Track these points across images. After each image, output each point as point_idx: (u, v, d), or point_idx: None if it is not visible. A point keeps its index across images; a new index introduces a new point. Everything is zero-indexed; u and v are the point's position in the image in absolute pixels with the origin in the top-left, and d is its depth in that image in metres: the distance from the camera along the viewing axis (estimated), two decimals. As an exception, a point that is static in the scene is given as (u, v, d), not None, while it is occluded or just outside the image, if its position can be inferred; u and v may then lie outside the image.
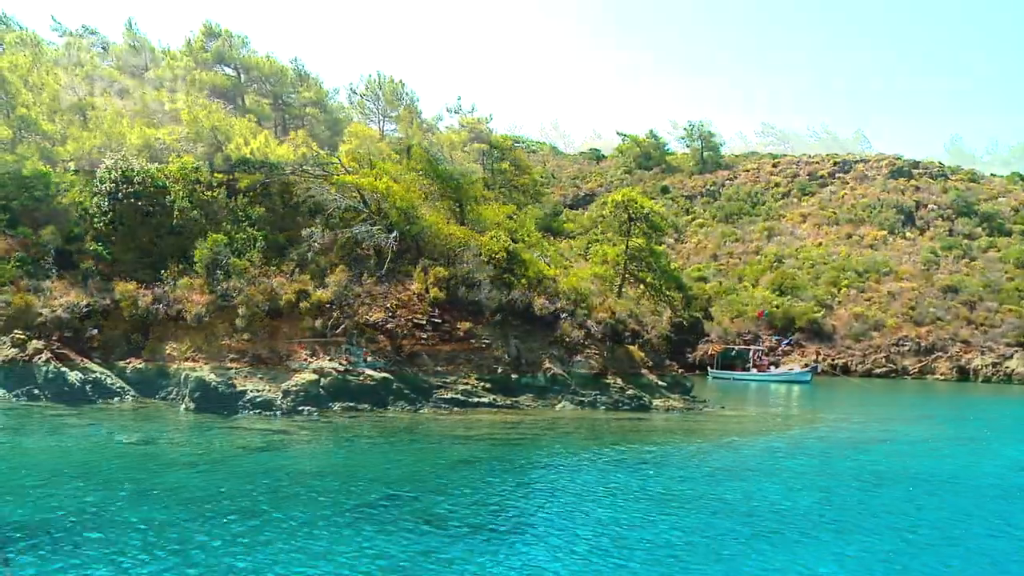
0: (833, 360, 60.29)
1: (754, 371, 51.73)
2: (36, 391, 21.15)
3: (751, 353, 53.50)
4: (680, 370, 35.71)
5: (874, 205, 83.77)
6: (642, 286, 52.48)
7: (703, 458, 17.80)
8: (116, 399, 21.81)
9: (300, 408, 21.52)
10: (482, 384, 24.82)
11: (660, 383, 29.01)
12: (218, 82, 44.46)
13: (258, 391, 21.91)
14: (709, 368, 53.48)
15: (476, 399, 24.18)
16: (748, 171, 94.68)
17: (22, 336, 21.89)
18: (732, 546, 10.81)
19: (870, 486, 15.22)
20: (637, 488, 14.23)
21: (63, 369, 21.33)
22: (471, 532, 11.01)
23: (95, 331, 22.72)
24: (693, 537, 11.21)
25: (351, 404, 22.44)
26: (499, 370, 25.31)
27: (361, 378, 23.11)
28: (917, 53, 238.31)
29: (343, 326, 23.80)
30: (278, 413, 21.09)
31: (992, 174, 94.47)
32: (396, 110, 47.71)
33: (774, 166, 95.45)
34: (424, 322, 25.22)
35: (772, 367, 52.54)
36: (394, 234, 26.10)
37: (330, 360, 23.18)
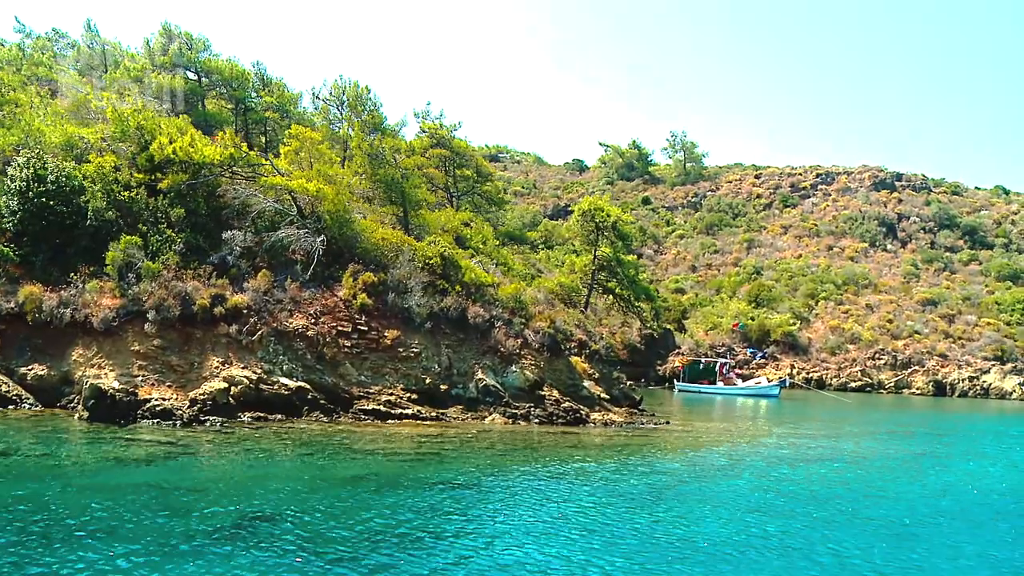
0: (808, 374, 59.21)
1: (721, 384, 50.55)
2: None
3: (718, 366, 52.32)
4: (630, 382, 34.63)
5: (856, 217, 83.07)
6: (610, 297, 51.53)
7: (605, 478, 16.68)
8: (11, 407, 20.65)
9: (204, 418, 20.40)
10: (408, 395, 23.73)
11: (604, 396, 27.95)
12: (177, 85, 43.64)
13: (162, 399, 20.79)
14: (675, 381, 52.26)
15: (400, 410, 23.07)
16: (730, 182, 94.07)
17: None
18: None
19: (753, 511, 14.01)
20: (533, 514, 12.94)
21: (-48, 375, 20.21)
22: (343, 560, 9.80)
23: (-6, 336, 21.62)
24: (579, 563, 10.23)
25: (262, 414, 21.34)
26: (428, 380, 24.23)
27: (275, 387, 22.02)
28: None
29: (260, 332, 22.71)
30: (178, 423, 19.96)
31: (976, 187, 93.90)
32: (360, 116, 46.85)
33: (756, 177, 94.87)
34: (349, 329, 24.16)
35: (740, 380, 51.37)
36: (320, 238, 25.07)
37: (243, 368, 22.08)
